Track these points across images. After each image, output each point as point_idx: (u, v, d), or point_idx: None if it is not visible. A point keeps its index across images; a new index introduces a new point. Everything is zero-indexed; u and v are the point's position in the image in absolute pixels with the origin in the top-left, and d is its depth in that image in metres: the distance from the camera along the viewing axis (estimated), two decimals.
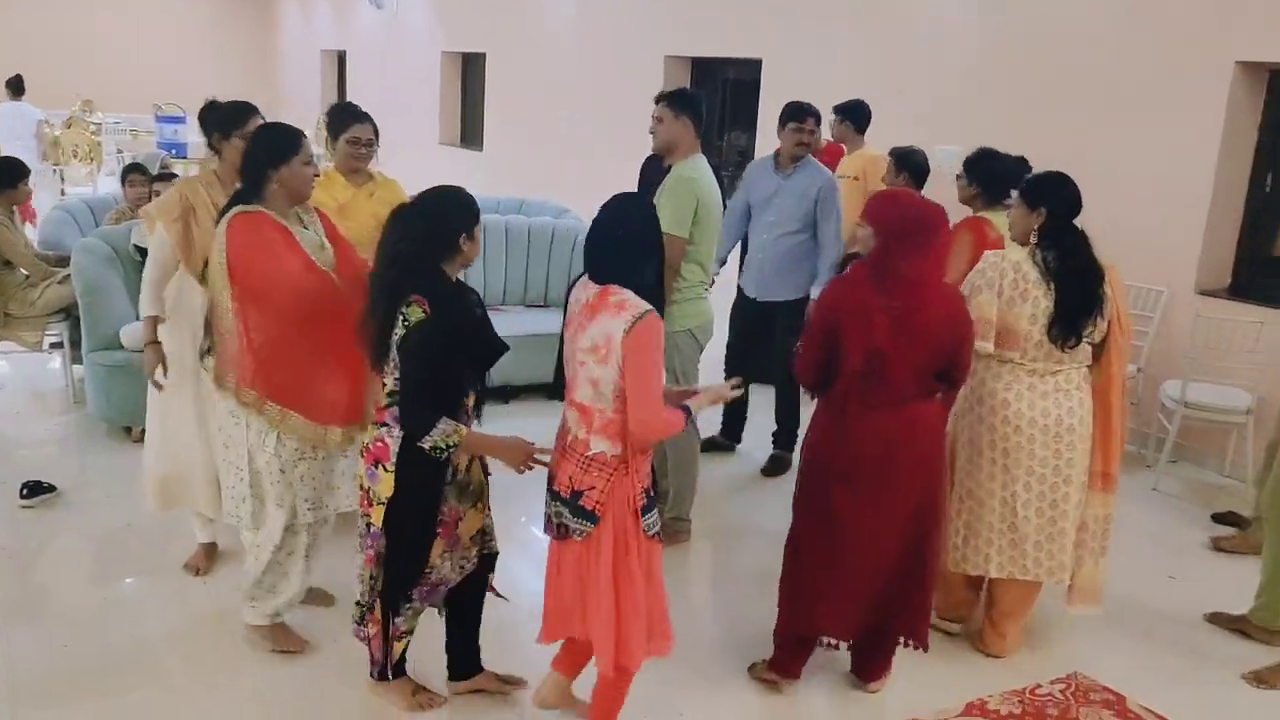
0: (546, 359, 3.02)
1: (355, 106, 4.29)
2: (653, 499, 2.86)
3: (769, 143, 5.86)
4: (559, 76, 11.27)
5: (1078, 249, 3.44)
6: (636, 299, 2.71)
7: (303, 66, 18.62)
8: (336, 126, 4.16)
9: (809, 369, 3.22)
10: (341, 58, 17.29)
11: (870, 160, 6.28)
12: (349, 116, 4.17)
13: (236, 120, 3.66)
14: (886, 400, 3.11)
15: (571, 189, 9.71)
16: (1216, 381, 5.35)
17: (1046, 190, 3.50)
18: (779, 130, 5.20)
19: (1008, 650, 3.70)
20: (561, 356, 2.91)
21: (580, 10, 10.96)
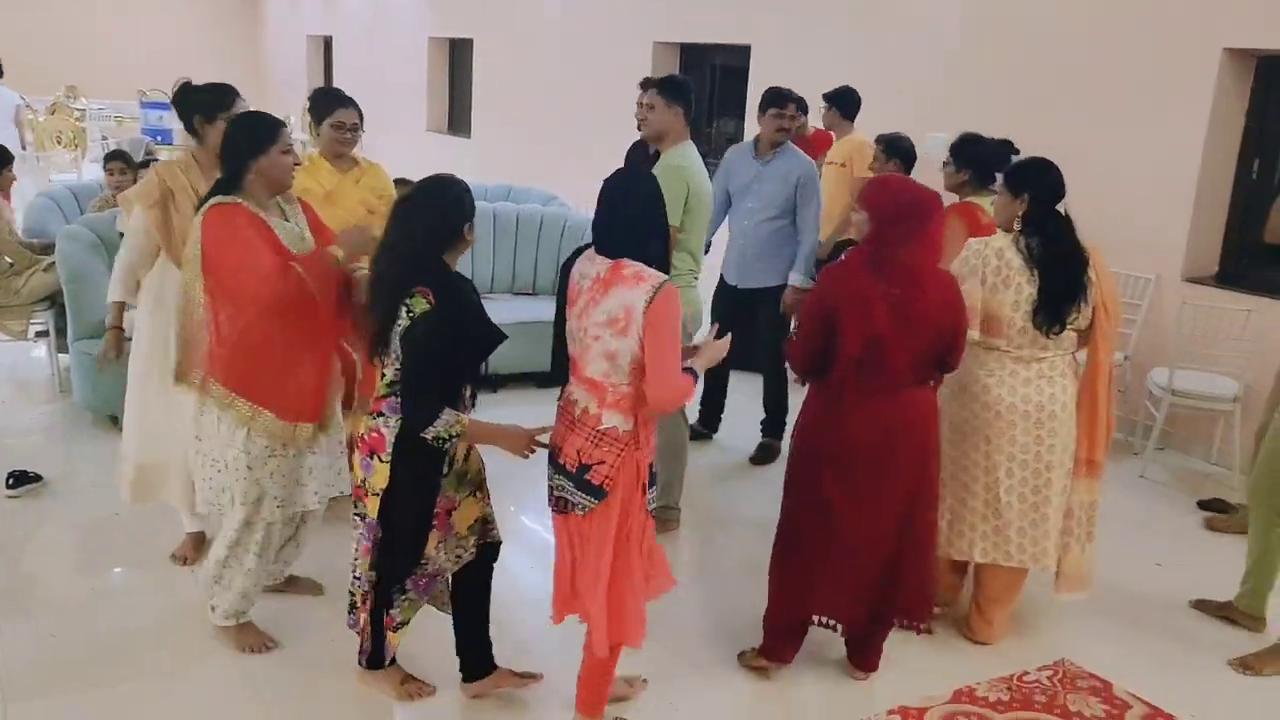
0: (535, 347, 3.02)
1: (339, 91, 4.26)
2: (654, 474, 2.88)
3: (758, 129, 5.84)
4: (547, 63, 11.22)
5: (1061, 235, 3.44)
6: (651, 270, 2.72)
7: (289, 52, 18.48)
8: (320, 111, 4.13)
9: (806, 356, 3.20)
10: (328, 43, 17.17)
11: (856, 146, 6.28)
12: (333, 101, 4.13)
13: (220, 102, 3.60)
14: (883, 387, 3.11)
15: (559, 176, 9.68)
16: (1204, 369, 5.37)
17: (1029, 176, 3.50)
18: (759, 116, 5.19)
19: (995, 637, 3.71)
20: (557, 338, 2.89)
21: None
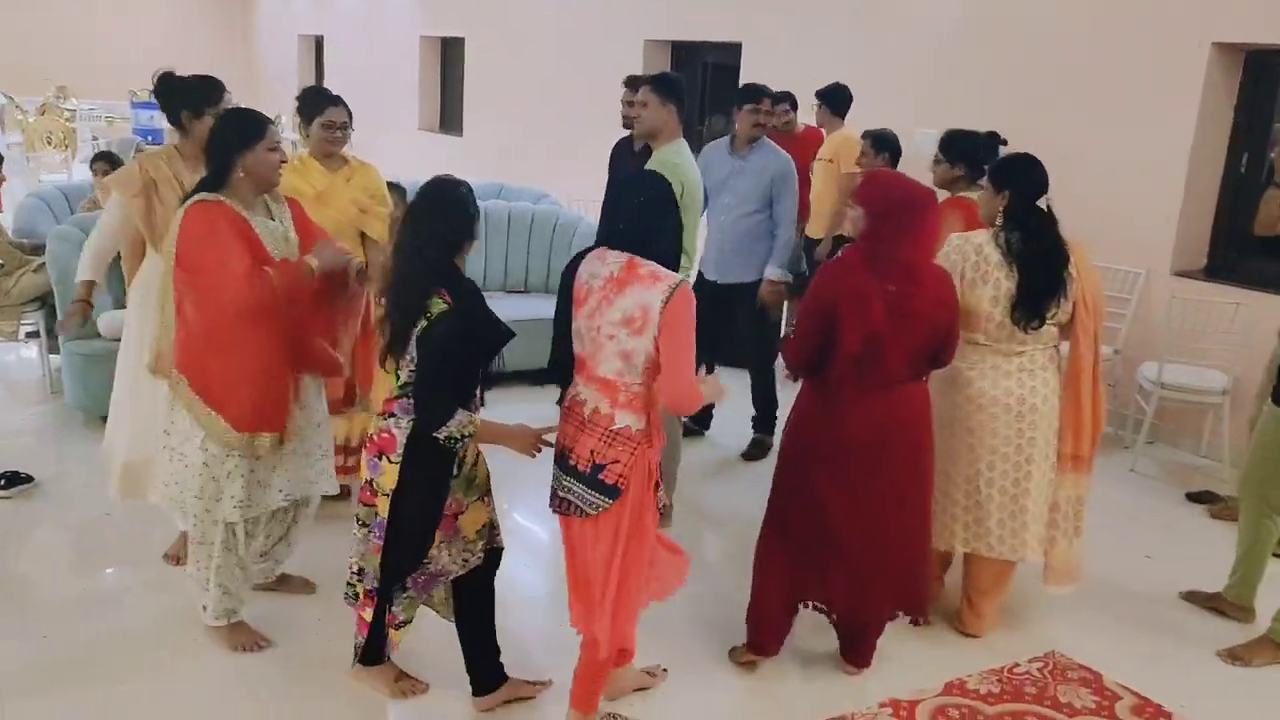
0: (527, 345, 3.01)
1: (327, 90, 4.24)
2: (664, 473, 2.89)
3: None
4: (538, 61, 11.21)
5: (1042, 230, 3.44)
6: (666, 270, 2.73)
7: (280, 51, 18.43)
8: (310, 110, 4.10)
9: (804, 354, 3.20)
10: (319, 42, 17.13)
11: (844, 142, 6.31)
12: (322, 100, 4.11)
13: (209, 96, 3.58)
14: (880, 384, 3.12)
15: (551, 174, 9.68)
16: (1193, 363, 5.39)
17: (1012, 172, 3.52)
18: (735, 111, 5.19)
19: (985, 629, 3.73)
20: (558, 339, 2.89)
21: None
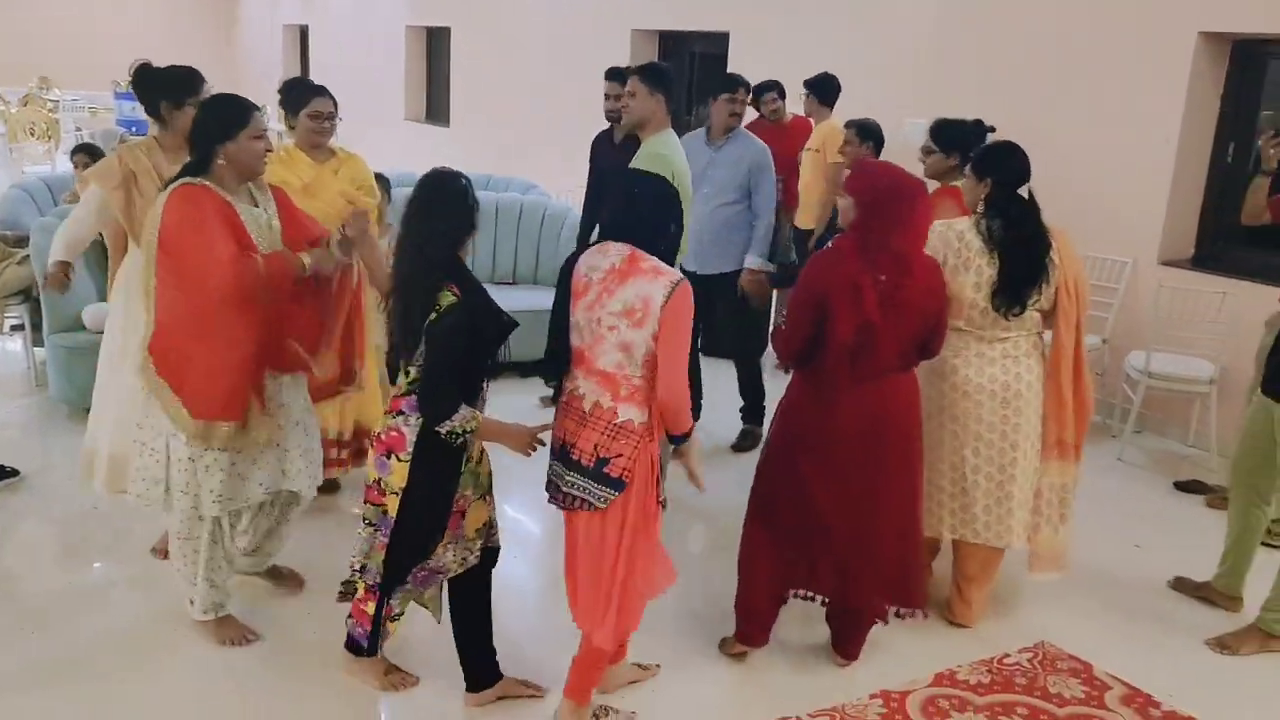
0: (516, 336, 2.99)
1: (310, 80, 4.21)
2: (664, 466, 2.89)
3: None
4: (525, 51, 11.16)
5: (1024, 218, 3.45)
6: (667, 266, 2.74)
7: (264, 41, 18.33)
8: (295, 102, 4.05)
9: (796, 344, 3.19)
10: (304, 32, 17.03)
11: (829, 132, 6.32)
12: (308, 90, 4.07)
13: (189, 86, 3.55)
14: (871, 374, 3.12)
15: (538, 164, 9.64)
16: (1180, 352, 5.40)
17: (993, 160, 3.53)
18: (711, 101, 5.18)
19: (975, 619, 3.74)
20: (555, 331, 2.88)
21: None
